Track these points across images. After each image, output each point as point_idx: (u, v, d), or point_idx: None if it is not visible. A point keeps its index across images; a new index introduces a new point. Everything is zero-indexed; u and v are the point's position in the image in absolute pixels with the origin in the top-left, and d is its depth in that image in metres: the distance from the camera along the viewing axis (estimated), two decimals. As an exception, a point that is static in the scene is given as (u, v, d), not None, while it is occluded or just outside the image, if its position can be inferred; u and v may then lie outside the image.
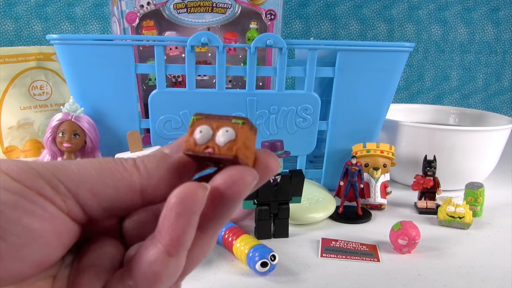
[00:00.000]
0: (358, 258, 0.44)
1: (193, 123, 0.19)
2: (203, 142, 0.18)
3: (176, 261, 0.17)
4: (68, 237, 0.17)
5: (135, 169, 0.18)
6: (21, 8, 0.93)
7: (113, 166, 0.18)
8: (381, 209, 0.58)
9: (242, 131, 0.18)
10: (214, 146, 0.18)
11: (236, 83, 0.74)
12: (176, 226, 0.16)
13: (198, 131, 0.18)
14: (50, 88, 0.64)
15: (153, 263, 0.17)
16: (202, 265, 0.42)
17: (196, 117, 0.19)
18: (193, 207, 0.16)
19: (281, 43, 0.55)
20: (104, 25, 0.97)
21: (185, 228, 0.16)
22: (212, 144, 0.18)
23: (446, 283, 0.40)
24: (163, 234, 0.17)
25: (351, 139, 0.61)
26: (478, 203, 0.56)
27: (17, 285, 0.16)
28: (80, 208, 0.17)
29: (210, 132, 0.18)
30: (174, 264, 0.17)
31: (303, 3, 1.05)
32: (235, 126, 0.18)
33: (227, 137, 0.18)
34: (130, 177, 0.18)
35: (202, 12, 0.67)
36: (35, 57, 0.62)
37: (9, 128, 0.60)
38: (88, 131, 0.54)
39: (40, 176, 0.17)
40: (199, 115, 0.19)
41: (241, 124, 0.18)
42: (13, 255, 0.15)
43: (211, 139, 0.18)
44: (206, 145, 0.18)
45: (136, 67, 0.57)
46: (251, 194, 0.47)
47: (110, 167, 0.18)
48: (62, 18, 0.95)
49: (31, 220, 0.16)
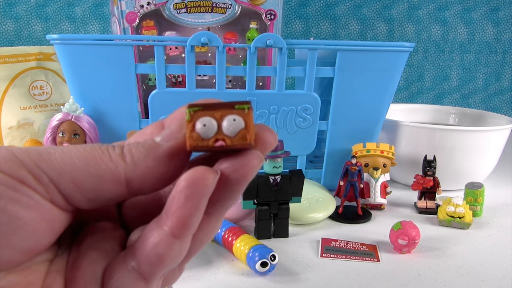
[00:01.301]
0: (358, 258, 0.44)
1: (191, 117, 0.17)
2: (209, 136, 0.17)
3: (181, 243, 0.17)
4: (58, 224, 0.17)
5: (121, 159, 0.18)
6: (21, 8, 0.93)
7: (98, 155, 0.17)
8: (381, 209, 0.58)
9: (249, 117, 0.17)
10: (224, 137, 0.17)
11: (236, 83, 0.74)
12: (184, 209, 0.16)
13: (201, 124, 0.17)
14: (50, 88, 0.64)
15: (158, 244, 0.17)
16: (202, 265, 0.42)
17: (192, 109, 0.17)
18: (203, 191, 0.16)
19: (281, 43, 0.55)
20: (104, 25, 0.97)
21: (193, 212, 0.17)
22: (221, 136, 0.17)
23: (446, 283, 0.40)
24: (170, 217, 0.17)
25: (351, 139, 0.61)
26: (478, 203, 0.56)
27: (9, 271, 0.16)
28: (63, 198, 0.17)
29: (214, 123, 0.17)
30: (179, 247, 0.17)
31: (303, 3, 1.05)
32: (241, 113, 0.17)
33: (236, 126, 0.17)
34: (115, 167, 0.17)
35: (202, 12, 0.67)
36: (35, 57, 0.62)
37: (9, 128, 0.60)
38: (88, 131, 0.55)
39: (23, 166, 0.16)
40: (195, 106, 0.17)
41: (246, 109, 0.17)
42: (1, 243, 0.15)
43: (217, 131, 0.17)
44: (215, 138, 0.17)
45: (136, 67, 0.57)
46: (251, 194, 0.47)
47: (95, 156, 0.17)
48: (62, 18, 0.95)
49: (16, 208, 0.16)
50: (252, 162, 0.17)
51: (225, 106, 0.17)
